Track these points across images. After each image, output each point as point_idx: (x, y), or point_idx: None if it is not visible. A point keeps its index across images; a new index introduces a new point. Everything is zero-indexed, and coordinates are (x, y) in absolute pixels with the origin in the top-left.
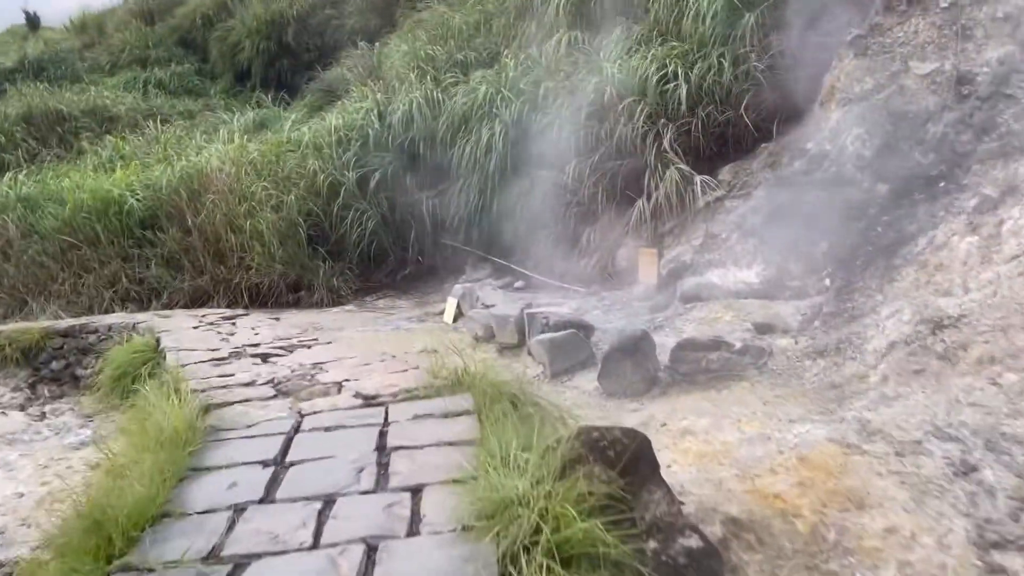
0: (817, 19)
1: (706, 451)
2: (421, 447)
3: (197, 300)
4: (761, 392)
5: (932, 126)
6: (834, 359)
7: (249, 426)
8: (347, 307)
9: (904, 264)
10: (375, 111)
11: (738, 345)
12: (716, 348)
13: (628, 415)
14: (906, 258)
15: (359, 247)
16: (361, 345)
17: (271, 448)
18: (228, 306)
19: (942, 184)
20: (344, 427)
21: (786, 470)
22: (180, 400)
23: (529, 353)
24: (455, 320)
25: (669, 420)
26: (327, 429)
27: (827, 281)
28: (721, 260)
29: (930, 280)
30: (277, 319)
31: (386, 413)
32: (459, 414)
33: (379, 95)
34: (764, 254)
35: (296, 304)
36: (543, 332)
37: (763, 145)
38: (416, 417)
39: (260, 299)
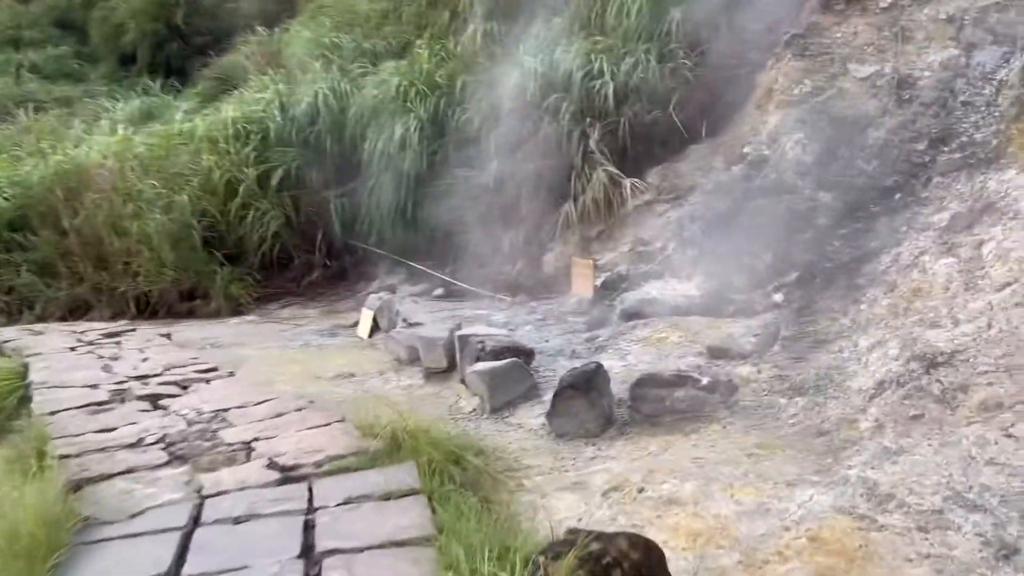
0: (748, 16)
1: (700, 528)
2: (361, 550)
3: (76, 311)
4: (738, 438)
5: (873, 131)
6: (814, 398)
7: (134, 515)
8: (248, 317)
9: (869, 284)
10: (276, 102)
11: (704, 381)
12: (681, 384)
13: (590, 467)
14: (870, 278)
15: (260, 250)
16: (268, 371)
17: (162, 555)
18: (112, 318)
19: (898, 196)
20: (258, 516)
21: (798, 554)
22: (43, 473)
23: (462, 381)
24: (371, 334)
25: (647, 484)
26: (236, 521)
27: (776, 297)
28: (659, 271)
29: (909, 307)
30: (168, 336)
31: (310, 493)
32: (403, 494)
33: (281, 85)
34: (704, 265)
35: (191, 314)
36: (478, 359)
37: (692, 146)
38: (349, 501)
39: (149, 309)
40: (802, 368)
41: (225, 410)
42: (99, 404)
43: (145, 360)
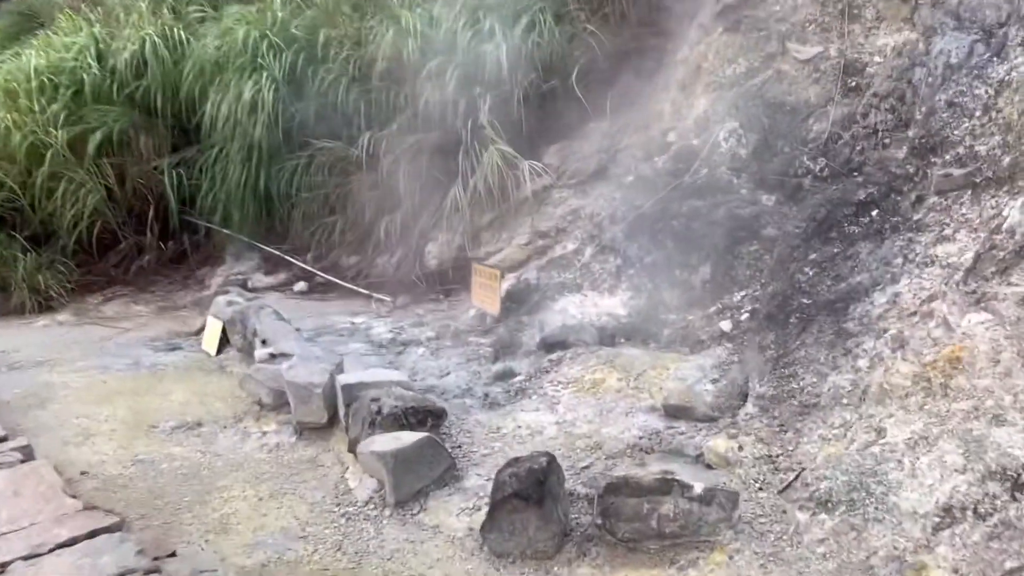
0: None
1: None
2: None
3: None
4: None
5: (817, 123)
6: (847, 518)
7: None
8: (60, 316)
9: (864, 332)
10: (92, 49)
11: (698, 489)
12: (666, 491)
13: None
14: (863, 323)
15: (76, 230)
16: (83, 421)
17: None
18: None
19: (876, 213)
20: None
21: None
22: None
23: (351, 451)
24: (219, 350)
25: None
26: None
27: (723, 324)
28: (575, 282)
29: (948, 384)
30: None
31: None
32: None
33: (98, 28)
34: (630, 278)
35: None
36: (373, 423)
37: (594, 124)
38: None
39: None
40: (798, 446)
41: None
42: None
43: None
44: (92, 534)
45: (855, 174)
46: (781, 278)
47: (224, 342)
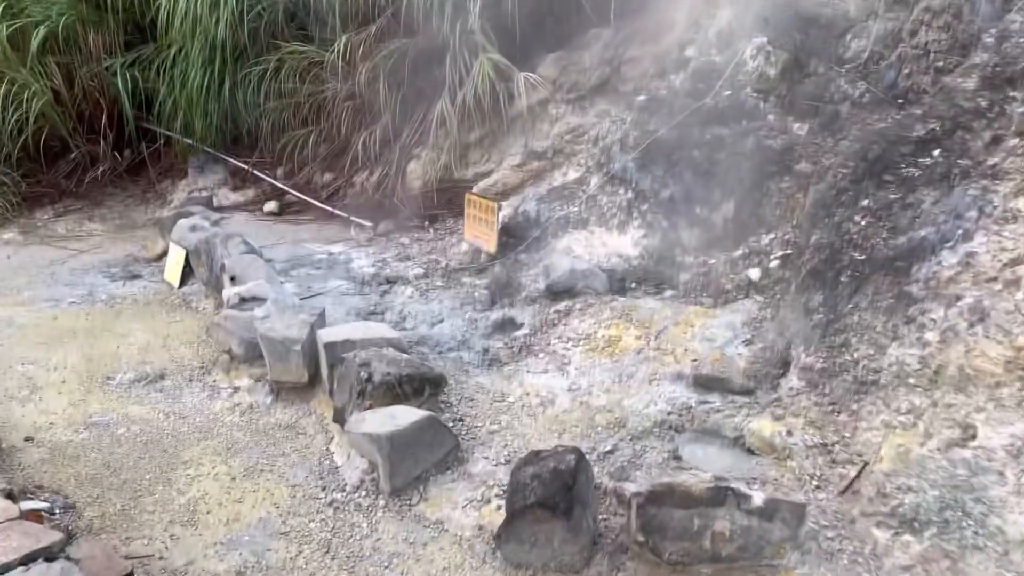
0: None
1: None
2: None
3: None
4: None
5: (856, 41)
6: (939, 542)
7: None
8: (6, 233)
9: (931, 298)
10: None
11: (758, 500)
12: (719, 502)
13: None
14: (931, 288)
15: (21, 137)
16: (30, 368)
17: None
18: None
19: (938, 153)
20: None
21: None
22: None
23: (339, 423)
24: (183, 282)
25: None
26: None
27: (752, 273)
28: (581, 216)
29: None
30: None
31: None
32: None
33: None
34: (643, 214)
35: None
36: (362, 394)
37: (596, 31)
38: None
39: None
40: (856, 432)
41: None
42: None
43: None
44: (26, 559)
45: (904, 103)
46: (825, 226)
47: (188, 272)
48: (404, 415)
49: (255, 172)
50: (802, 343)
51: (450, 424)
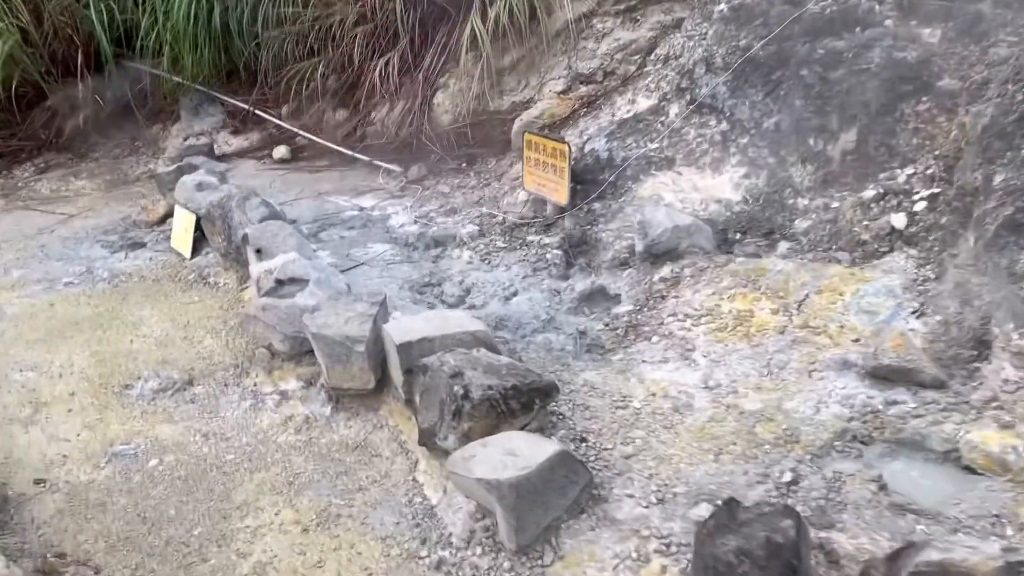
0: None
1: None
2: None
3: None
4: None
5: None
6: None
7: None
8: None
9: None
10: None
11: None
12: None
13: None
14: None
15: None
16: (29, 375)
17: None
18: None
19: None
20: None
21: None
22: None
23: (425, 445)
24: (194, 252)
25: None
26: None
27: (895, 219)
28: (664, 155)
29: None
30: None
31: None
32: None
33: None
34: (742, 149)
35: None
36: (458, 413)
37: None
38: None
39: None
40: None
41: None
42: None
43: None
44: None
45: None
46: (1010, 162)
47: (199, 239)
48: (527, 451)
49: (256, 112)
50: (1010, 318)
51: (571, 447)
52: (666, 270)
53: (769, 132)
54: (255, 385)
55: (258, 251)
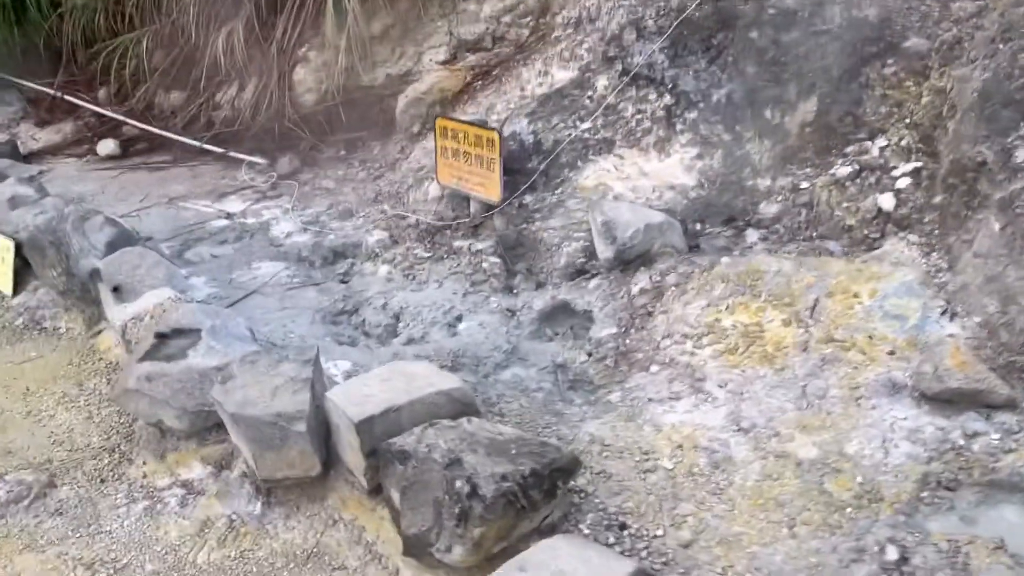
0: None
1: None
2: None
3: None
4: None
5: None
6: None
7: None
8: None
9: None
10: None
11: None
12: None
13: None
14: None
15: None
16: None
17: None
18: None
19: None
20: None
21: None
22: None
23: (413, 557)
24: (17, 287)
25: None
26: None
27: (881, 201)
28: (603, 137)
29: None
30: None
31: None
32: None
33: None
34: (692, 125)
35: None
36: (466, 521)
37: None
38: None
39: None
40: None
41: None
42: None
43: None
44: None
45: None
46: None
47: (22, 268)
48: (580, 568)
49: (66, 98)
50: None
51: (610, 539)
52: (643, 279)
53: (720, 105)
54: (144, 477)
55: (115, 289)
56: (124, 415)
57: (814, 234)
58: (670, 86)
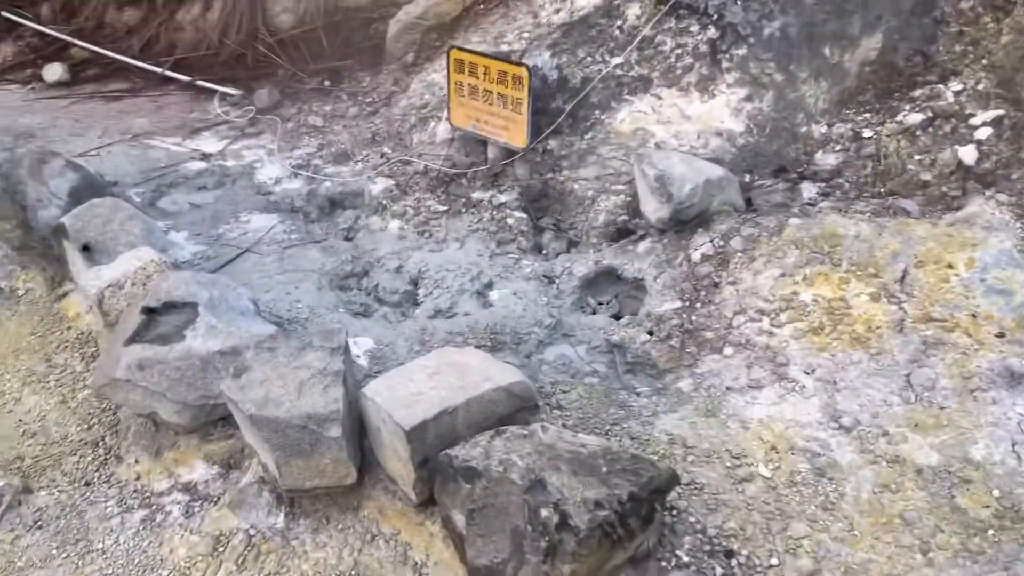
0: None
1: None
2: None
3: None
4: None
5: None
6: None
7: None
8: None
9: None
10: None
11: None
12: None
13: None
14: None
15: None
16: None
17: None
18: None
19: None
20: None
21: None
22: None
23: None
24: None
25: None
26: None
27: (963, 154)
28: (639, 72)
29: None
30: None
31: None
32: None
33: None
34: (740, 62)
35: None
36: (554, 556)
37: None
38: None
39: None
40: None
41: None
42: None
43: None
44: None
45: None
46: None
47: None
48: None
49: (3, 14)
50: None
51: (717, 571)
52: (703, 243)
53: (773, 40)
54: (138, 479)
55: (85, 248)
56: (106, 404)
57: (882, 190)
58: (715, 17)
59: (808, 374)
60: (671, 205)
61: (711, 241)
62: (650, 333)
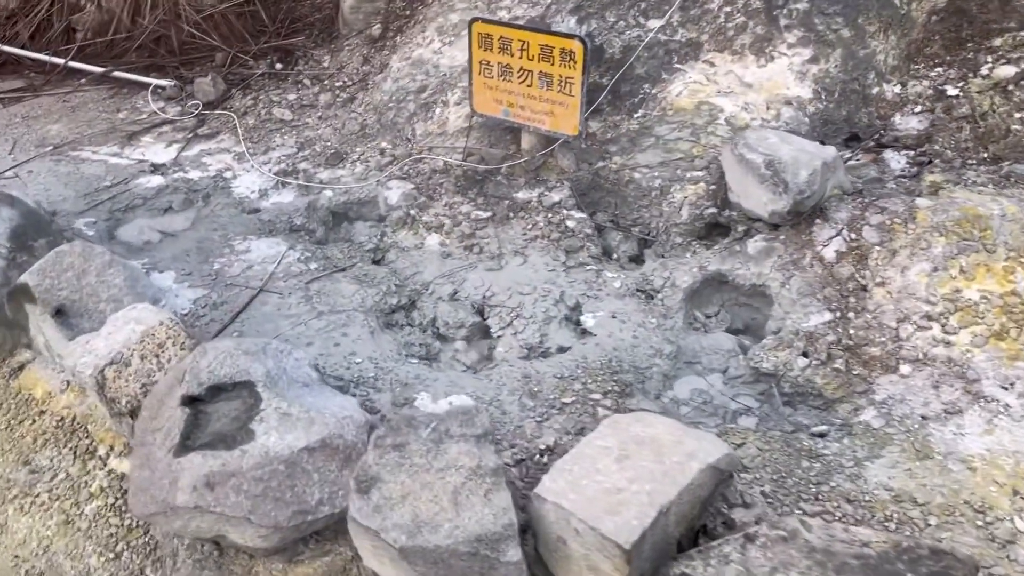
0: None
1: None
2: None
3: None
4: None
5: None
6: None
7: None
8: None
9: None
10: None
11: None
12: None
13: None
14: None
15: None
16: None
17: None
18: None
19: None
20: None
21: None
22: None
23: None
24: None
25: None
26: None
27: None
28: (686, 36)
29: None
30: None
31: None
32: None
33: None
34: (800, 17)
35: None
36: None
37: None
38: None
39: None
40: None
41: None
42: None
43: None
44: None
45: None
46: None
47: None
48: None
49: None
50: None
51: None
52: (831, 237)
53: None
54: None
55: (59, 312)
56: (125, 512)
57: (986, 155)
58: None
59: (1006, 389)
60: (789, 196)
61: (839, 234)
62: (804, 355)
